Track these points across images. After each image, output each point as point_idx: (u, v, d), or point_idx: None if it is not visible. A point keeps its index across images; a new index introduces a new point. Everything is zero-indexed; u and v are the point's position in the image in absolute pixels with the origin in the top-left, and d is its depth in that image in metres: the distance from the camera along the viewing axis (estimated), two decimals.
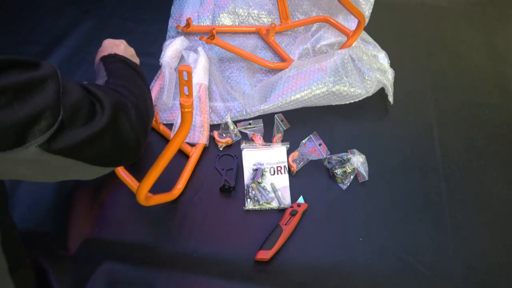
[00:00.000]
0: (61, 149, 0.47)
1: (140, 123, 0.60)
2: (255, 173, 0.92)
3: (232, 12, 1.24)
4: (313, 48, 1.15)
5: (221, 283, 0.79)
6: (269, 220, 0.87)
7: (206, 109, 1.01)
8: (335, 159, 0.93)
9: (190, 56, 1.09)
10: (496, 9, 1.36)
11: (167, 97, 1.02)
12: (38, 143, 0.44)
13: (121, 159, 0.60)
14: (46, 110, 0.44)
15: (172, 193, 0.88)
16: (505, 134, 1.03)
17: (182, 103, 0.62)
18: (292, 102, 1.00)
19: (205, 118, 0.99)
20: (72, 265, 0.80)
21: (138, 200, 0.77)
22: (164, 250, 0.83)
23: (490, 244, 0.85)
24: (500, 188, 0.94)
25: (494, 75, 1.17)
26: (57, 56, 1.14)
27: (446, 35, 1.28)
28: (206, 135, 0.97)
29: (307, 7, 1.22)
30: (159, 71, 1.09)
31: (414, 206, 0.90)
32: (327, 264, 0.81)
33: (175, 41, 1.12)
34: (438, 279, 0.80)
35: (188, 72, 0.57)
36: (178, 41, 1.12)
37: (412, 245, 0.84)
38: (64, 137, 0.47)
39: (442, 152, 0.99)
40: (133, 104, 0.59)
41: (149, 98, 0.71)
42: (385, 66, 1.09)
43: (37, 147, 0.44)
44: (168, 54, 1.09)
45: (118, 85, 0.62)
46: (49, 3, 1.29)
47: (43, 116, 0.44)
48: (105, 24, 1.23)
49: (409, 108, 1.07)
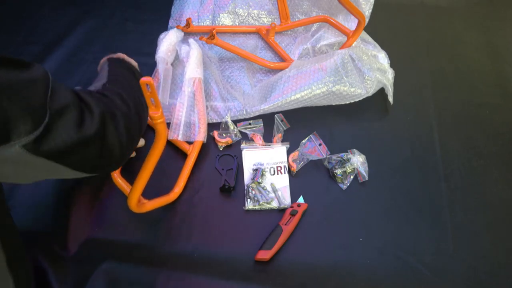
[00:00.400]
0: (45, 152, 0.47)
1: (127, 133, 0.60)
2: (255, 173, 0.92)
3: (232, 12, 1.24)
4: (313, 48, 1.15)
5: (221, 283, 0.79)
6: (269, 220, 0.87)
7: (202, 105, 0.97)
8: (335, 159, 0.93)
9: (182, 49, 1.06)
10: (496, 9, 1.36)
11: (162, 95, 0.99)
12: (22, 143, 0.44)
13: (104, 167, 0.60)
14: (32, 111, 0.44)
15: (169, 196, 0.87)
16: (505, 134, 1.03)
17: (151, 115, 0.60)
18: (292, 102, 1.00)
19: (202, 115, 0.96)
20: (72, 265, 0.80)
21: (130, 208, 0.76)
22: (164, 250, 0.83)
23: (490, 244, 0.85)
24: (500, 188, 0.94)
25: (494, 75, 1.17)
26: (57, 56, 1.14)
27: (446, 35, 1.28)
28: (203, 132, 0.94)
29: (307, 7, 1.22)
30: (155, 69, 1.07)
31: (414, 206, 0.90)
32: (327, 264, 0.81)
33: (169, 34, 1.07)
34: (438, 279, 0.80)
35: (150, 84, 0.55)
36: (172, 34, 1.07)
37: (412, 245, 0.84)
38: (49, 141, 0.47)
39: (442, 152, 0.99)
40: (123, 114, 0.59)
41: (144, 111, 0.70)
42: (385, 66, 1.09)
43: (21, 147, 0.44)
44: (162, 49, 1.04)
45: (114, 92, 0.62)
46: (49, 3, 1.29)
47: (29, 116, 0.44)
48: (105, 24, 1.23)
49: (409, 108, 1.07)
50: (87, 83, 1.07)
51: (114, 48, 1.16)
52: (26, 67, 0.47)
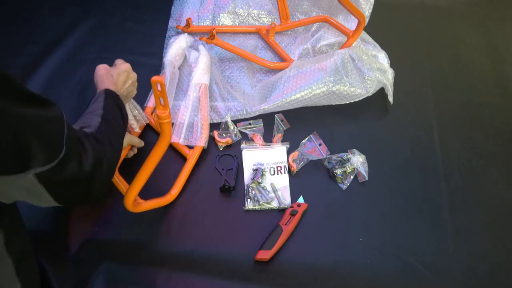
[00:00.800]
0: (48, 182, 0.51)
1: (107, 177, 0.65)
2: (255, 173, 0.92)
3: (232, 12, 1.24)
4: (313, 48, 1.15)
5: (221, 283, 0.79)
6: (269, 220, 0.87)
7: (206, 110, 0.98)
8: (335, 159, 0.93)
9: (191, 55, 1.07)
10: (496, 9, 1.36)
11: None
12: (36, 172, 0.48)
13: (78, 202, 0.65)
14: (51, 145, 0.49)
15: (165, 198, 0.87)
16: (505, 134, 1.03)
17: (158, 114, 0.62)
18: (292, 101, 1.00)
19: (205, 120, 0.97)
20: (72, 265, 0.80)
21: (126, 207, 0.76)
22: (164, 250, 0.83)
23: (490, 244, 0.85)
24: (500, 188, 0.94)
25: (494, 75, 1.17)
26: (57, 56, 1.14)
27: (446, 35, 1.28)
28: (205, 138, 0.95)
29: (307, 7, 1.22)
30: (162, 71, 1.07)
31: (414, 206, 0.90)
32: (327, 264, 0.81)
33: (179, 39, 1.09)
34: (438, 279, 0.80)
35: (161, 83, 0.57)
36: (182, 39, 1.09)
37: (412, 245, 0.84)
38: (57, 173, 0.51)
39: (442, 152, 0.99)
40: (108, 160, 0.63)
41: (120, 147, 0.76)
42: (385, 66, 1.09)
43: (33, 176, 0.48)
44: (171, 52, 1.06)
45: (105, 137, 0.66)
46: (49, 3, 1.29)
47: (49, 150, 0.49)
48: (105, 24, 1.23)
49: (409, 108, 1.07)
50: (87, 83, 1.08)
51: (114, 48, 1.17)
52: (48, 105, 0.51)
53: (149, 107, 1.02)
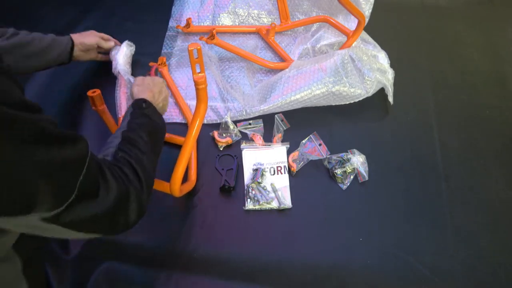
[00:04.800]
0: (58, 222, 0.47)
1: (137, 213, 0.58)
2: (255, 173, 0.92)
3: (232, 12, 1.24)
4: (313, 48, 1.15)
5: (221, 283, 0.79)
6: (269, 220, 0.86)
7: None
8: (335, 159, 0.93)
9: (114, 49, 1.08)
10: (496, 9, 1.36)
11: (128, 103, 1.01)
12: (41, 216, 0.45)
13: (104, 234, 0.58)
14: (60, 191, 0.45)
15: (190, 182, 0.90)
16: (505, 134, 1.03)
17: (196, 80, 0.65)
18: (292, 102, 1.00)
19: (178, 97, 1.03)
20: (72, 265, 0.80)
21: (173, 193, 0.78)
22: (164, 250, 0.83)
23: (490, 244, 0.85)
24: (500, 188, 0.94)
25: (494, 75, 1.17)
26: None
27: (446, 35, 1.28)
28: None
29: (307, 7, 1.22)
30: (118, 80, 1.06)
31: (414, 206, 0.90)
32: (327, 264, 0.81)
33: (121, 49, 1.07)
34: (438, 279, 0.80)
35: (198, 50, 0.61)
36: (125, 47, 1.07)
37: (412, 245, 0.84)
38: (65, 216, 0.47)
39: (442, 152, 0.99)
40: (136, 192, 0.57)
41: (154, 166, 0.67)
42: (385, 66, 1.09)
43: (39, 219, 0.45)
44: (120, 62, 1.04)
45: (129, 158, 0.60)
46: (49, 3, 1.29)
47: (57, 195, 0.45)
48: (105, 24, 1.23)
49: (409, 108, 1.07)
50: (87, 83, 1.08)
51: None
52: (73, 143, 0.47)
53: None
